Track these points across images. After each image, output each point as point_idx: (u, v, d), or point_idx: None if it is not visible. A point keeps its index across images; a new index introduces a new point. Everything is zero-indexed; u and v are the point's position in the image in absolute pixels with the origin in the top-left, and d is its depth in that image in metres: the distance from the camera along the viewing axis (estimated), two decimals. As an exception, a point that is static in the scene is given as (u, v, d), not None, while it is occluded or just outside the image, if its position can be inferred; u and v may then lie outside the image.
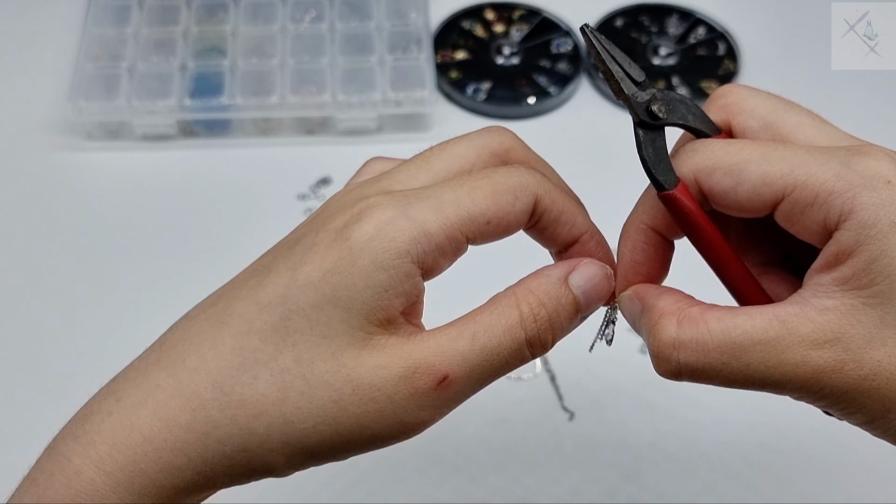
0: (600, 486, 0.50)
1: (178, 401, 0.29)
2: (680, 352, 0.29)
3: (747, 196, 0.30)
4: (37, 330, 0.55)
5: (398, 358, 0.29)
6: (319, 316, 0.29)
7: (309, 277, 0.29)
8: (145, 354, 0.31)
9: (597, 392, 0.53)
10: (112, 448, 0.29)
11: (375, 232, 0.29)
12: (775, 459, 0.51)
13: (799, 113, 0.32)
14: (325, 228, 0.30)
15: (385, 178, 0.32)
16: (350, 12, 0.70)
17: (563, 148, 0.67)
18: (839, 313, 0.28)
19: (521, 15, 0.73)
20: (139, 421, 0.29)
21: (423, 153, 0.33)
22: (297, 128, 0.66)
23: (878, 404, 0.28)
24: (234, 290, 0.31)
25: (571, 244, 0.34)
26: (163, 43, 0.68)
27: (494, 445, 0.51)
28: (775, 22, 0.75)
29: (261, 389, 0.29)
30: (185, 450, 0.29)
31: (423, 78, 0.65)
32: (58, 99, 0.65)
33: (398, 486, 0.49)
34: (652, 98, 0.32)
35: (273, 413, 0.29)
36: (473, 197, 0.30)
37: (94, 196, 0.62)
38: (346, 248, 0.29)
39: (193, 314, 0.31)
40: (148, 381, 0.29)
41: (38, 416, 0.52)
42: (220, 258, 0.59)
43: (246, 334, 0.29)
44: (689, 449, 0.51)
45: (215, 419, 0.29)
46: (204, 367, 0.29)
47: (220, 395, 0.29)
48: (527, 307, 0.30)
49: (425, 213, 0.29)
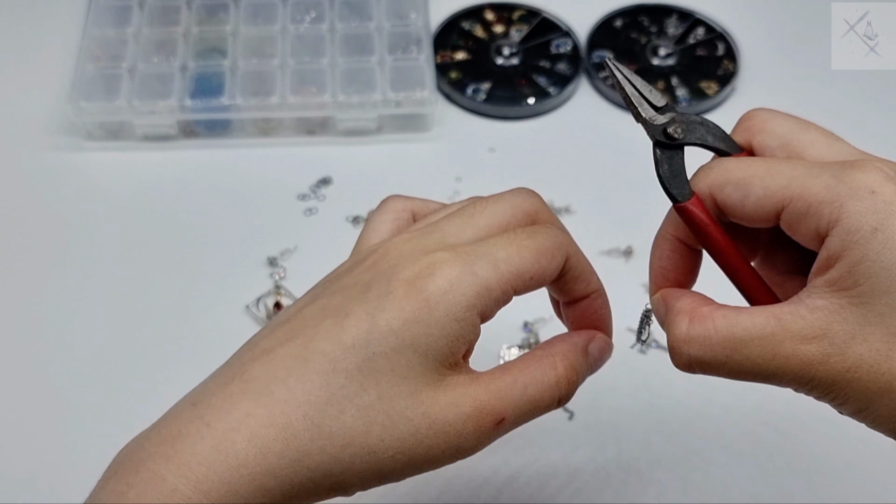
0: (600, 485, 0.50)
1: (272, 430, 0.32)
2: (690, 346, 0.33)
3: (753, 207, 0.33)
4: (37, 330, 0.55)
5: (468, 398, 0.33)
6: (399, 359, 0.33)
7: (390, 324, 0.33)
8: (224, 381, 0.33)
9: (596, 392, 0.54)
10: (209, 470, 0.31)
11: (448, 286, 0.33)
12: (775, 460, 0.51)
13: (814, 132, 0.35)
14: (397, 278, 0.33)
15: (436, 231, 0.36)
16: (350, 13, 0.70)
17: (563, 148, 0.67)
18: (827, 312, 0.31)
19: (520, 15, 0.74)
20: (234, 447, 0.31)
21: (466, 209, 0.37)
22: (298, 128, 0.66)
23: (861, 394, 0.31)
24: (310, 329, 0.33)
25: (583, 299, 0.39)
26: (163, 43, 0.68)
27: (494, 444, 0.51)
28: (775, 22, 0.76)
29: (348, 423, 0.32)
30: (276, 474, 0.32)
31: (423, 78, 0.66)
32: (58, 99, 0.65)
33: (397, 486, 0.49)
34: (670, 121, 0.36)
35: (359, 444, 0.32)
36: (522, 256, 0.35)
37: (94, 196, 0.63)
38: (423, 300, 0.33)
39: (269, 347, 0.34)
40: (236, 409, 0.32)
41: (38, 416, 0.52)
42: (221, 258, 0.59)
43: (332, 372, 0.32)
44: (688, 448, 0.51)
45: (307, 448, 0.32)
46: (294, 399, 0.32)
47: (311, 427, 0.32)
48: (563, 370, 0.36)
49: (486, 270, 0.34)
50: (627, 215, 0.62)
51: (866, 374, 0.31)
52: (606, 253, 0.60)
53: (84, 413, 0.52)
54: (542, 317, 0.56)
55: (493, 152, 0.66)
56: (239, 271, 0.58)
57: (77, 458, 0.50)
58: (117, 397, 0.52)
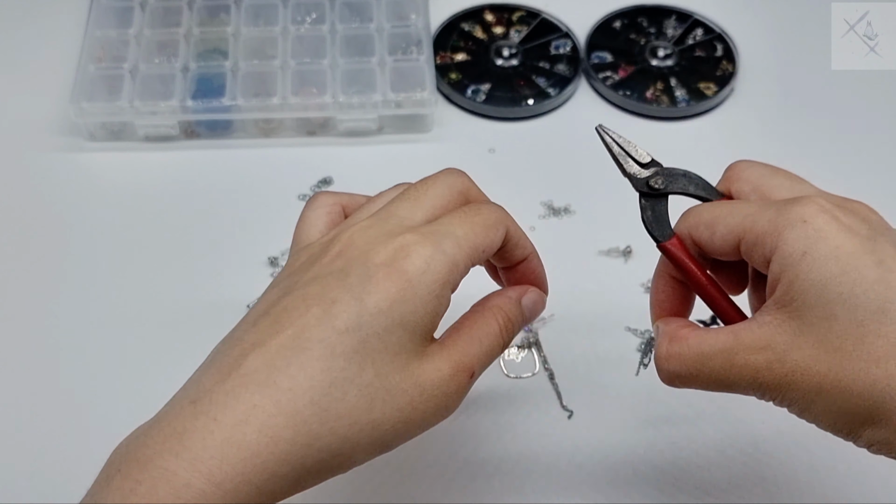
0: (599, 484, 0.50)
1: (281, 419, 0.33)
2: (669, 362, 0.39)
3: (720, 243, 0.39)
4: (38, 330, 0.56)
5: (446, 362, 0.37)
6: (390, 337, 0.35)
7: (378, 305, 0.35)
8: (220, 377, 0.35)
9: (596, 391, 0.54)
10: (222, 462, 0.32)
11: (425, 266, 0.36)
12: (776, 460, 0.51)
13: (781, 177, 0.40)
14: (374, 262, 0.36)
15: (391, 217, 0.38)
16: (351, 14, 0.70)
17: (563, 149, 0.67)
18: (771, 326, 0.36)
19: (520, 17, 0.74)
20: (245, 438, 0.33)
21: (409, 193, 0.40)
22: (298, 129, 0.66)
23: (801, 395, 0.36)
24: (298, 319, 0.35)
25: (520, 262, 0.43)
26: (165, 44, 0.68)
27: (494, 444, 0.51)
28: (774, 23, 0.76)
29: (351, 402, 0.35)
30: (288, 460, 0.33)
31: (423, 79, 0.66)
32: (60, 100, 0.65)
33: (398, 486, 0.50)
34: (653, 174, 0.42)
35: (364, 421, 0.35)
36: (476, 232, 0.39)
37: (96, 196, 0.63)
38: (406, 280, 0.36)
39: (258, 340, 0.35)
40: (241, 402, 0.33)
41: (38, 416, 0.52)
42: (222, 258, 0.60)
43: (331, 356, 0.34)
44: (688, 448, 0.51)
45: (316, 432, 0.34)
46: (298, 387, 0.34)
47: (318, 411, 0.34)
48: (502, 320, 0.40)
49: (452, 247, 0.37)
50: (627, 215, 0.62)
51: (801, 377, 0.36)
52: (606, 253, 0.60)
53: (84, 412, 0.52)
54: (541, 316, 0.56)
55: (493, 153, 0.66)
56: (240, 271, 0.58)
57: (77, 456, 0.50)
58: (117, 397, 0.53)
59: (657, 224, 0.41)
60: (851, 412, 0.35)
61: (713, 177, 0.64)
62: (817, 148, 0.67)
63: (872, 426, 0.35)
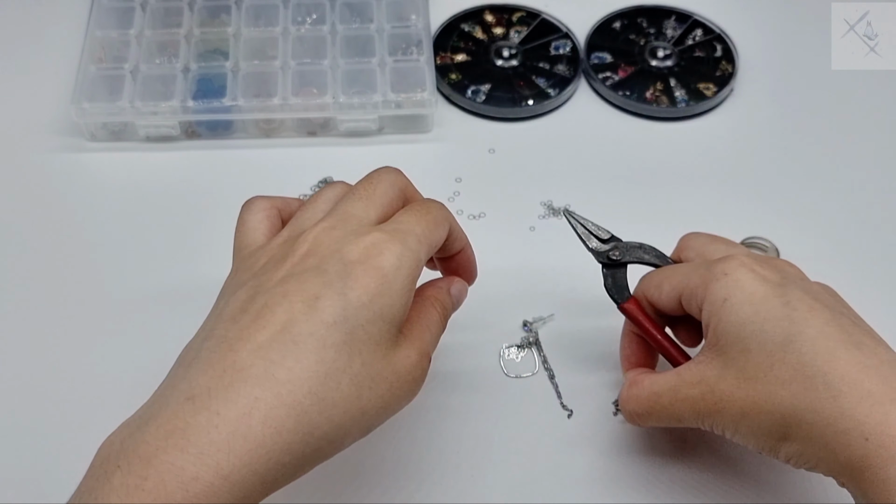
0: (600, 484, 0.50)
1: (283, 410, 0.35)
2: (628, 403, 0.47)
3: (666, 299, 0.46)
4: (39, 330, 0.56)
5: (412, 349, 0.40)
6: (373, 329, 0.38)
7: (360, 300, 0.38)
8: (214, 374, 0.36)
9: (595, 391, 0.54)
10: (229, 455, 0.34)
11: (398, 262, 0.39)
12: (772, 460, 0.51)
13: (718, 242, 0.48)
14: (349, 260, 0.38)
15: (350, 218, 0.41)
16: (351, 15, 0.71)
17: (562, 149, 0.67)
18: (704, 364, 0.43)
19: (520, 17, 0.74)
20: (251, 430, 0.34)
21: (359, 193, 0.43)
22: (299, 129, 0.67)
23: (730, 420, 0.42)
24: (283, 314, 0.37)
25: (457, 253, 0.47)
26: (165, 45, 0.68)
27: (494, 443, 0.51)
28: (774, 23, 0.76)
29: (344, 392, 0.37)
30: (291, 449, 0.35)
31: (424, 80, 0.66)
32: (61, 100, 0.65)
33: (397, 486, 0.50)
34: (612, 248, 0.50)
35: (354, 408, 0.37)
36: (430, 229, 0.42)
37: (97, 196, 0.63)
38: (382, 276, 0.38)
39: (244, 336, 0.37)
40: (242, 395, 0.35)
41: (39, 416, 0.52)
42: (223, 258, 0.59)
43: (322, 349, 0.36)
44: (688, 448, 0.51)
45: (315, 421, 0.36)
46: (296, 379, 0.36)
47: (317, 401, 0.36)
48: (440, 308, 0.44)
49: (415, 244, 0.40)
50: (626, 215, 0.62)
51: (728, 404, 0.42)
52: (605, 253, 0.60)
53: (84, 411, 0.52)
54: (541, 316, 0.57)
55: (493, 153, 0.66)
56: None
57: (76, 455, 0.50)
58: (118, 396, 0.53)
59: (616, 289, 0.49)
60: (769, 431, 0.41)
61: (710, 178, 0.65)
62: (817, 148, 0.67)
63: (786, 441, 0.41)
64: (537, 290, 0.58)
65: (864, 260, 0.60)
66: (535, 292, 0.58)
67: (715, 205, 0.63)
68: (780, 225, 0.61)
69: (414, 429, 0.52)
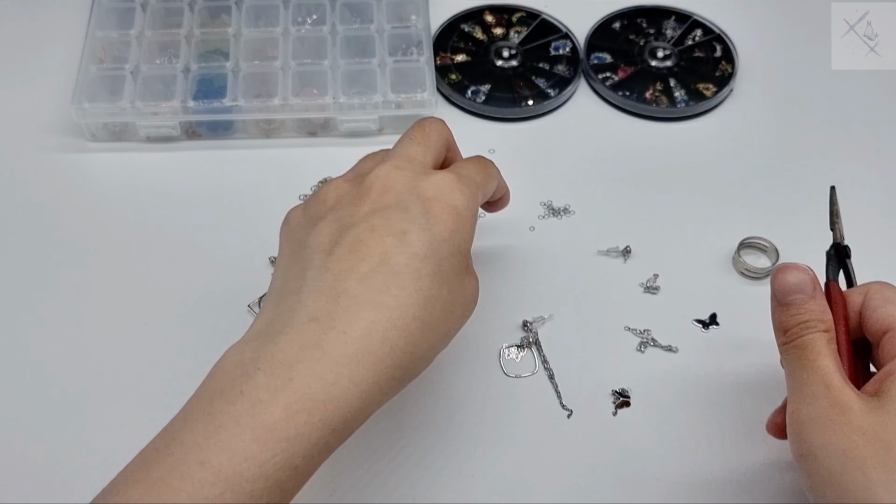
0: (599, 483, 0.50)
1: (395, 331, 0.40)
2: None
3: (876, 319, 0.44)
4: (39, 330, 0.56)
5: (474, 277, 0.46)
6: (453, 260, 0.43)
7: (442, 235, 0.42)
8: (330, 298, 0.40)
9: (595, 391, 0.54)
10: (359, 366, 0.39)
11: (467, 203, 0.44)
12: (777, 460, 0.51)
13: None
14: (425, 197, 0.43)
15: (410, 159, 0.45)
16: (351, 15, 0.71)
17: (562, 149, 0.67)
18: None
19: (520, 18, 0.74)
20: (372, 347, 0.39)
21: (416, 137, 0.47)
22: (299, 129, 0.67)
23: None
24: (377, 248, 0.41)
25: (498, 200, 0.53)
26: (166, 45, 0.68)
27: (494, 443, 0.52)
28: (774, 23, 0.76)
29: (437, 316, 0.42)
30: (401, 365, 0.40)
31: (424, 80, 0.66)
32: (62, 101, 0.66)
33: (398, 485, 0.50)
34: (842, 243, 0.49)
35: (443, 329, 0.43)
36: (487, 181, 0.49)
37: (97, 197, 0.63)
38: (457, 215, 0.43)
39: (347, 267, 0.41)
40: (361, 318, 0.40)
41: (40, 416, 0.53)
42: (223, 258, 0.60)
43: (418, 278, 0.41)
44: (688, 447, 0.52)
45: (418, 341, 0.41)
46: (402, 304, 0.41)
47: (420, 325, 0.41)
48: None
49: (476, 191, 0.46)
50: (626, 216, 0.63)
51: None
52: (605, 253, 0.60)
53: (84, 410, 0.52)
54: (541, 316, 0.57)
55: (493, 153, 0.66)
56: (241, 271, 0.59)
57: (76, 454, 0.50)
58: (118, 396, 0.53)
59: (831, 272, 0.48)
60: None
61: (709, 178, 0.65)
62: (817, 148, 0.67)
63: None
64: (537, 290, 0.58)
65: (864, 260, 0.60)
66: (535, 292, 0.58)
67: (714, 205, 0.63)
68: (780, 225, 0.61)
69: (414, 428, 0.52)
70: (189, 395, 0.53)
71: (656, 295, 0.58)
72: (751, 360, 0.55)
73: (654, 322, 0.57)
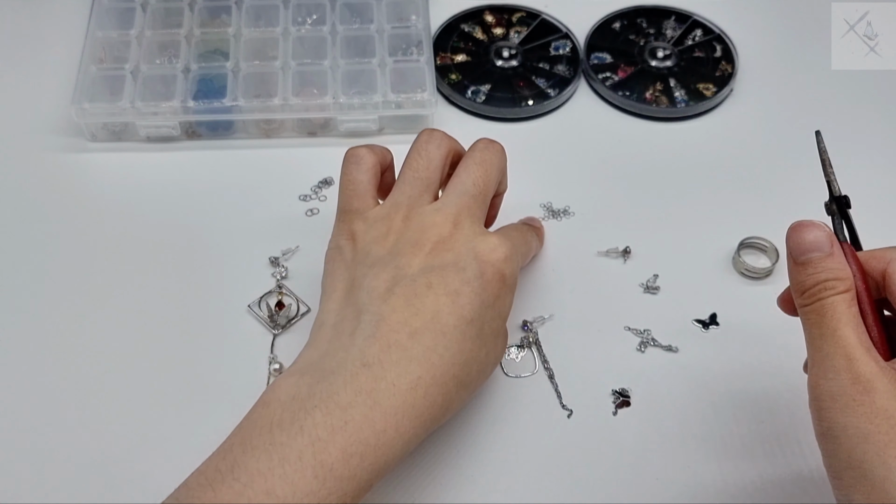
0: (599, 483, 0.50)
1: (435, 388, 0.43)
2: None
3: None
4: (40, 331, 0.56)
5: (506, 336, 0.50)
6: (494, 324, 0.47)
7: (489, 301, 0.46)
8: (382, 349, 0.43)
9: (595, 391, 0.54)
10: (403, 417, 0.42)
11: (513, 271, 0.48)
12: (777, 459, 0.51)
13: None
14: (481, 260, 0.46)
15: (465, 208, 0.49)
16: (351, 15, 0.71)
17: (562, 149, 0.67)
18: None
19: (520, 18, 0.74)
20: (416, 401, 0.42)
21: (431, 150, 0.51)
22: (299, 129, 0.67)
23: None
24: (431, 305, 0.44)
25: (500, 193, 0.54)
26: (166, 45, 0.68)
27: (494, 443, 0.52)
28: (774, 23, 0.76)
29: (473, 376, 0.46)
30: (438, 420, 0.44)
31: (424, 80, 0.66)
32: (62, 101, 0.66)
33: (398, 486, 0.50)
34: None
35: (474, 388, 0.47)
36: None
37: (97, 197, 0.63)
38: (502, 281, 0.46)
39: (404, 320, 0.44)
40: (409, 372, 0.43)
41: (40, 417, 0.53)
42: (223, 258, 0.60)
43: (462, 341, 0.44)
44: (686, 446, 0.52)
45: (454, 398, 0.45)
46: (445, 364, 0.44)
47: (457, 383, 0.44)
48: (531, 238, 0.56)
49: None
50: (626, 216, 0.63)
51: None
52: (605, 253, 0.60)
53: (84, 410, 0.52)
54: (541, 316, 0.57)
55: (493, 153, 0.66)
56: (241, 271, 0.59)
57: (75, 454, 0.50)
58: (118, 396, 0.53)
59: (837, 229, 0.45)
60: None
61: (709, 178, 0.65)
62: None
63: None
64: (537, 291, 0.58)
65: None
66: (535, 292, 0.58)
67: (714, 205, 0.63)
68: (780, 225, 0.61)
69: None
70: (189, 395, 0.53)
71: (656, 295, 0.58)
72: (751, 360, 0.55)
73: (654, 322, 0.57)
